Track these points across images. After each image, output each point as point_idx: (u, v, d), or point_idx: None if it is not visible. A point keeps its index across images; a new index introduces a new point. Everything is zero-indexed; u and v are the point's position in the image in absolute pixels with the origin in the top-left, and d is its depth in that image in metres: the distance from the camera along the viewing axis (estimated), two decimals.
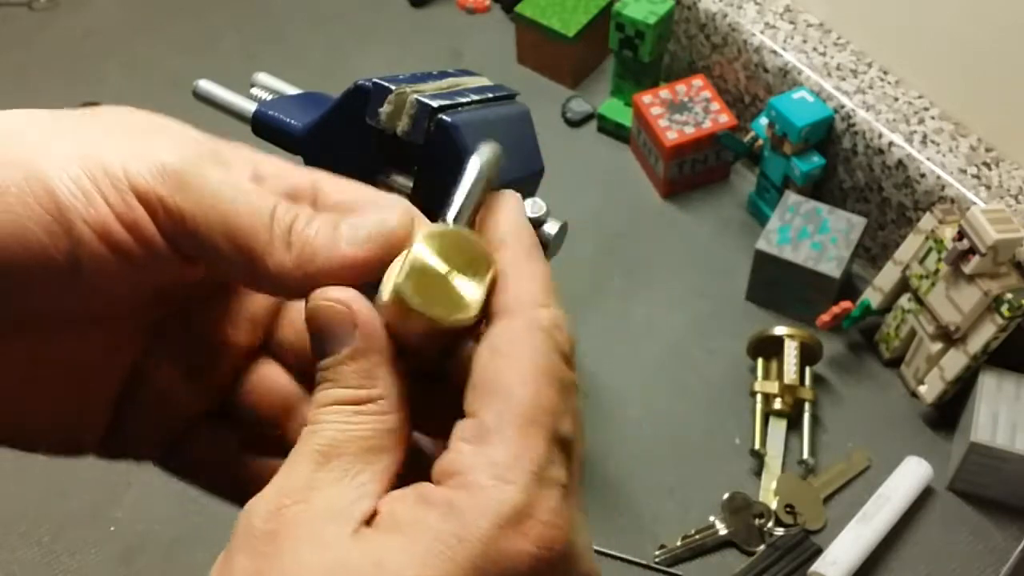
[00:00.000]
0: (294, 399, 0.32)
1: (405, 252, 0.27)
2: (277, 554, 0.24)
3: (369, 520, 0.24)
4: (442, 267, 0.27)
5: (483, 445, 0.24)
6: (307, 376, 0.30)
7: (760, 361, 0.77)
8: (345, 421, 0.26)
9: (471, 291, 0.27)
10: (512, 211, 0.29)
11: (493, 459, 0.24)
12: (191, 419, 0.32)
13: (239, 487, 0.32)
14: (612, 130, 0.94)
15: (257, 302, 0.32)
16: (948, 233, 0.70)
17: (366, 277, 0.27)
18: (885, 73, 0.81)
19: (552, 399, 0.25)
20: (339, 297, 0.26)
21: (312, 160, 0.57)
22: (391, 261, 0.28)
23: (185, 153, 0.27)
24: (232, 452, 0.33)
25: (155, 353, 0.31)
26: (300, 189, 0.29)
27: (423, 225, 0.29)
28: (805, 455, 0.72)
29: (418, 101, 0.51)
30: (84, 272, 0.26)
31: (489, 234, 0.28)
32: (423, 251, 0.27)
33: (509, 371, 0.25)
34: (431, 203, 0.34)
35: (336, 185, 0.30)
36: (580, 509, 0.26)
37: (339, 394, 0.26)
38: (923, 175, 0.74)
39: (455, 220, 0.29)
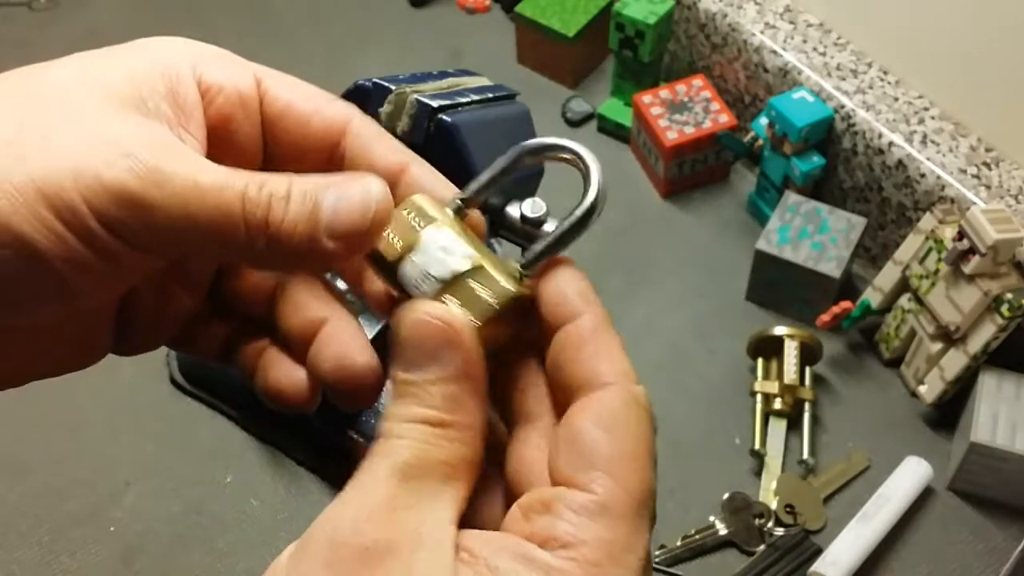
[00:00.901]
0: (274, 283, 0.32)
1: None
2: (370, 573, 0.23)
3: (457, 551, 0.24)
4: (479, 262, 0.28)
5: (597, 522, 0.24)
6: None
7: (760, 361, 0.77)
8: (427, 441, 0.26)
9: (506, 280, 0.28)
10: (579, 276, 0.30)
11: (609, 540, 0.24)
12: (185, 316, 0.33)
13: (241, 366, 0.33)
14: (612, 130, 0.94)
15: None
16: (948, 233, 0.70)
17: (346, 260, 0.28)
18: (885, 73, 0.81)
19: (654, 482, 0.27)
20: (443, 317, 0.26)
21: None
22: (369, 244, 0.28)
23: (139, 161, 0.25)
24: (225, 339, 0.33)
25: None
26: (245, 95, 0.29)
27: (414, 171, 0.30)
28: (805, 455, 0.72)
29: (418, 101, 0.51)
30: (59, 283, 0.25)
31: (558, 295, 0.29)
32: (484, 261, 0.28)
33: (621, 449, 0.26)
34: None
35: (280, 83, 0.30)
36: None
37: (424, 413, 0.26)
38: (923, 175, 0.74)
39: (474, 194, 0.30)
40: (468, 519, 0.27)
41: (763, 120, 0.83)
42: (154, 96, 0.27)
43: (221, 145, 0.29)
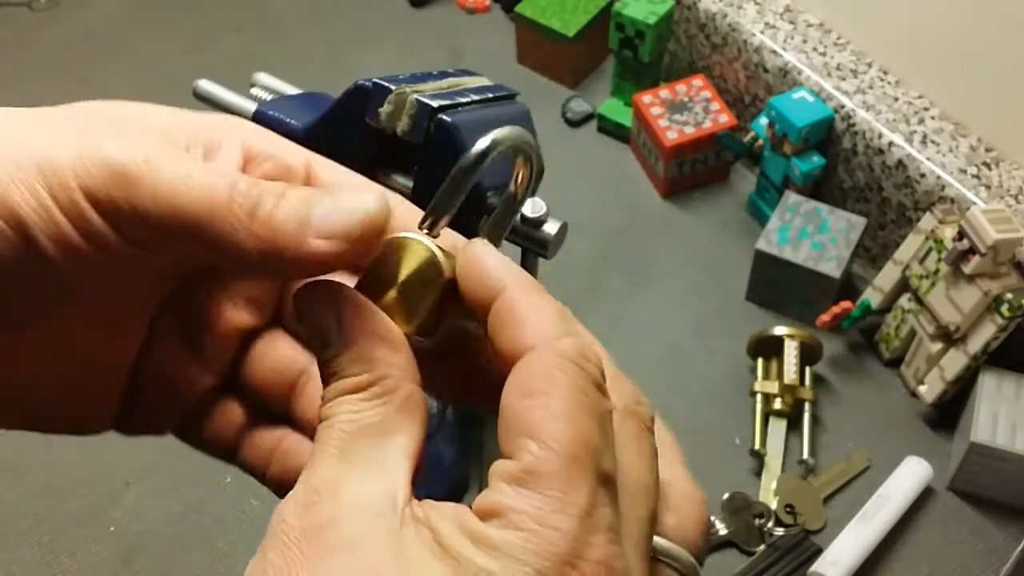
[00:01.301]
0: (300, 372, 0.32)
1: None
2: (311, 551, 0.23)
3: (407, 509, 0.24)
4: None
5: (525, 487, 0.24)
6: None
7: (760, 361, 0.77)
8: (353, 410, 0.25)
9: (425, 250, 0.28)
10: (494, 252, 0.29)
11: (537, 503, 0.23)
12: (200, 395, 0.32)
13: (253, 458, 0.32)
14: (612, 130, 0.94)
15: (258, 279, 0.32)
16: (948, 233, 0.70)
17: (340, 268, 0.27)
18: (885, 73, 0.81)
19: (592, 435, 0.24)
20: (318, 283, 0.27)
21: None
22: (366, 253, 0.27)
23: (136, 147, 0.25)
24: (242, 425, 0.32)
25: (159, 333, 0.31)
26: (293, 169, 0.29)
27: (400, 214, 0.29)
28: (805, 455, 0.72)
29: (418, 101, 0.51)
30: (56, 276, 0.26)
31: (480, 282, 0.28)
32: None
33: (543, 410, 0.24)
34: (429, 203, 0.34)
35: (328, 169, 0.30)
36: (639, 553, 0.25)
37: (342, 385, 0.26)
38: (923, 175, 0.74)
39: (429, 224, 0.30)
40: None
41: (763, 120, 0.83)
42: (191, 140, 0.28)
43: None
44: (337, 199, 0.27)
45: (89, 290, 0.27)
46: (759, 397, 0.74)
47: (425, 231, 0.29)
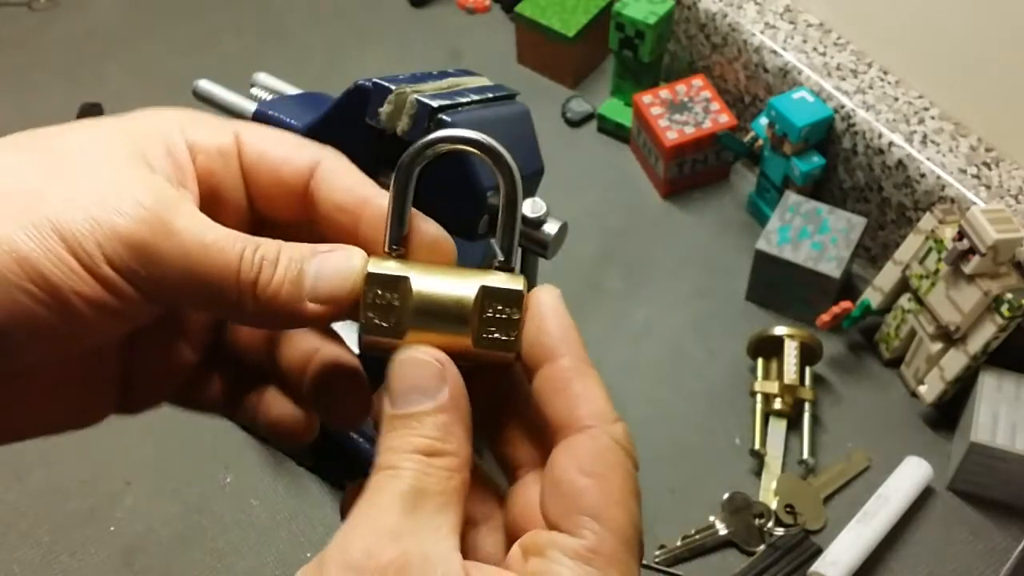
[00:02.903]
0: (274, 336, 0.35)
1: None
2: None
3: None
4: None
5: (590, 566, 0.26)
6: None
7: (760, 361, 0.77)
8: (425, 470, 0.27)
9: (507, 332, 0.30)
10: (560, 312, 0.31)
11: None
12: (188, 368, 0.35)
13: (241, 413, 0.36)
14: (612, 130, 0.94)
15: None
16: (948, 233, 0.70)
17: (328, 323, 0.31)
18: (885, 73, 0.81)
19: (639, 518, 0.27)
20: (434, 355, 0.28)
21: None
22: (349, 309, 0.30)
23: (150, 212, 0.27)
24: (227, 387, 0.36)
25: (143, 331, 0.32)
26: (224, 147, 0.31)
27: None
28: (805, 455, 0.72)
29: (418, 101, 0.51)
30: (76, 322, 0.27)
31: (539, 336, 0.30)
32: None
33: (604, 494, 0.27)
34: (430, 203, 0.34)
35: (255, 140, 0.32)
36: None
37: (419, 443, 0.27)
38: (923, 175, 0.74)
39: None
40: (470, 553, 0.28)
41: (763, 120, 0.83)
42: (156, 156, 0.30)
43: (210, 195, 0.32)
44: (324, 257, 0.30)
45: (98, 325, 0.28)
46: (759, 397, 0.74)
47: (394, 253, 0.31)
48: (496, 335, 0.29)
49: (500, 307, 0.30)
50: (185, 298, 0.29)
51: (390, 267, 0.30)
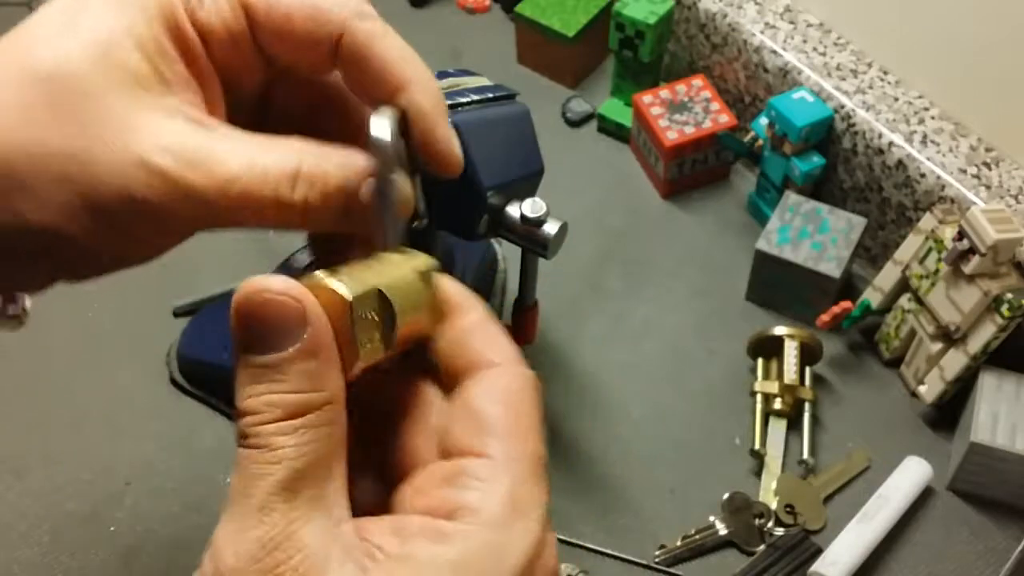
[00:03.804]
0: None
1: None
2: None
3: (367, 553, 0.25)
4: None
5: (501, 484, 0.25)
6: None
7: (760, 361, 0.77)
8: (301, 442, 0.25)
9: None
10: (453, 283, 0.31)
11: (515, 498, 0.25)
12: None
13: None
14: (612, 130, 0.94)
15: None
16: (948, 233, 0.70)
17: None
18: (885, 73, 0.81)
19: (545, 454, 0.27)
20: (288, 291, 0.25)
21: None
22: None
23: (164, 178, 0.28)
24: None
25: None
26: (234, 31, 0.31)
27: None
28: (805, 455, 0.72)
29: None
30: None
31: (443, 295, 0.30)
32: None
33: (518, 421, 0.27)
34: (430, 203, 0.34)
35: (268, 4, 0.31)
36: None
37: (289, 401, 0.25)
38: (923, 175, 0.74)
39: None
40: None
41: (763, 120, 0.83)
42: (168, 61, 0.29)
43: (225, 73, 0.31)
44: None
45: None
46: (759, 397, 0.74)
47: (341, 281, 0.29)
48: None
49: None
50: (220, 228, 0.29)
51: (354, 280, 0.27)
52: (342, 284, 0.26)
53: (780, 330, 0.76)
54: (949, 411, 0.74)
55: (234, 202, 0.28)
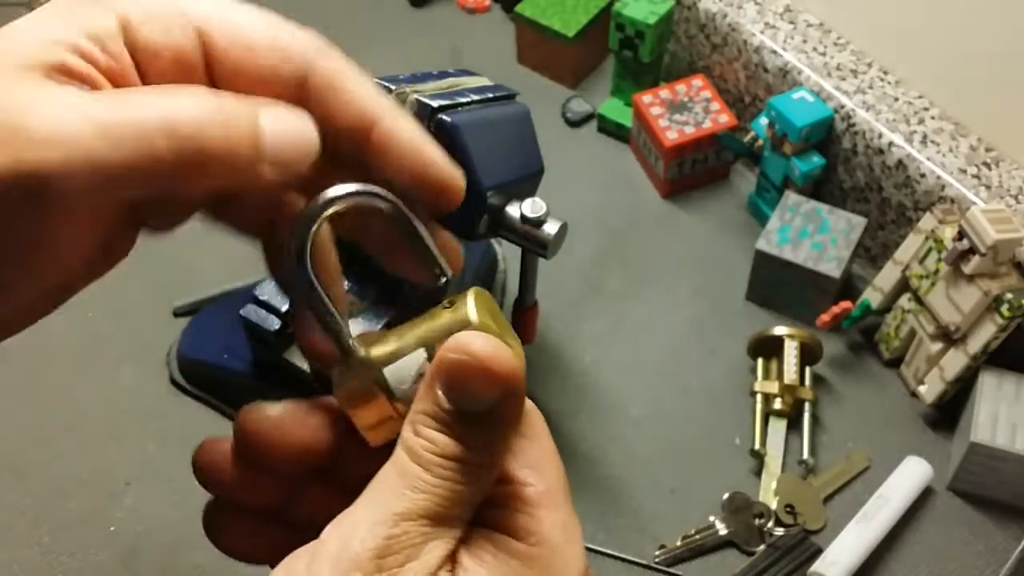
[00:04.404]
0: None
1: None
2: None
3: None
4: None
5: (547, 509, 0.28)
6: None
7: (760, 361, 0.77)
8: (458, 485, 0.27)
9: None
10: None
11: (561, 521, 0.28)
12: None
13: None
14: (612, 130, 0.94)
15: None
16: (948, 233, 0.70)
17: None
18: (885, 73, 0.81)
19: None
20: (515, 369, 0.28)
21: None
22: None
23: (34, 139, 0.23)
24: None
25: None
26: (185, 57, 0.27)
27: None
28: (805, 455, 0.72)
29: (418, 101, 0.51)
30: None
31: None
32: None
33: (539, 448, 0.30)
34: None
35: (229, 36, 0.28)
36: None
37: (461, 453, 0.27)
38: (923, 175, 0.74)
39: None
40: None
41: (763, 120, 0.83)
42: (80, 63, 0.25)
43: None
44: (277, 118, 0.27)
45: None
46: (759, 397, 0.74)
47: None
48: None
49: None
50: (122, 192, 0.25)
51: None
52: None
53: (780, 330, 0.76)
54: (949, 411, 0.74)
55: (108, 137, 0.23)
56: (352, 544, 0.26)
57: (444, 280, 0.31)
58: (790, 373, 0.74)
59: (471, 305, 0.29)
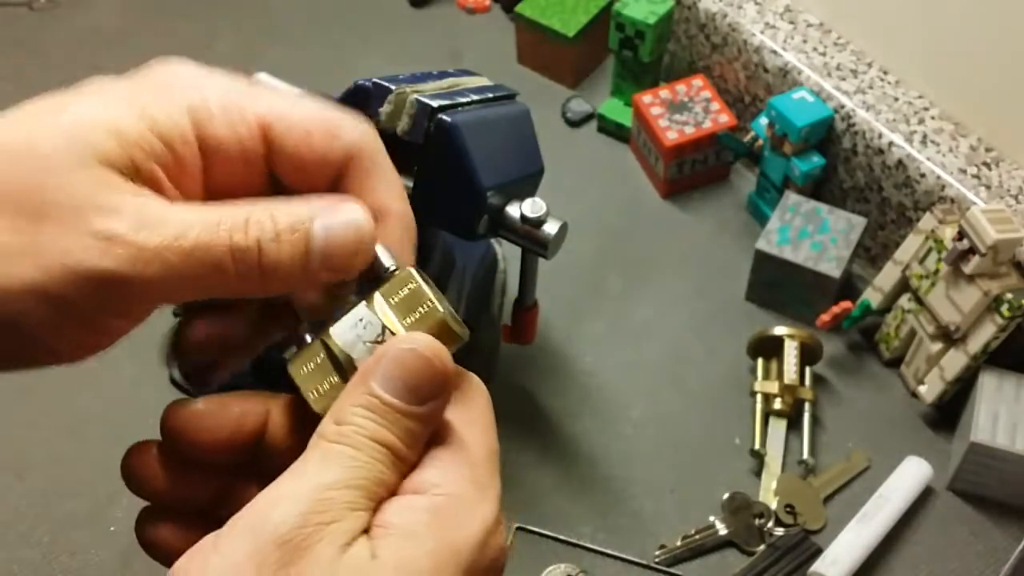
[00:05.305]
0: None
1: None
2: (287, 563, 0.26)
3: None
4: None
5: (457, 463, 0.29)
6: None
7: (760, 361, 0.77)
8: (384, 468, 0.28)
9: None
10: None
11: (473, 475, 0.29)
12: None
13: None
14: (612, 130, 0.94)
15: None
16: (948, 233, 0.70)
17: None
18: (885, 73, 0.81)
19: (497, 444, 0.31)
20: (448, 362, 0.29)
21: None
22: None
23: (123, 244, 0.27)
24: None
25: None
26: (248, 150, 0.30)
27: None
28: (805, 455, 0.72)
29: (418, 101, 0.51)
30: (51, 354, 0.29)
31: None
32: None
33: (472, 417, 0.30)
34: (430, 203, 0.34)
35: (285, 126, 0.30)
36: None
37: (391, 441, 0.28)
38: (923, 175, 0.74)
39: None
40: None
41: (763, 120, 0.83)
42: (146, 161, 0.28)
43: (221, 193, 0.30)
44: (329, 218, 0.29)
45: (68, 344, 0.29)
46: (759, 397, 0.74)
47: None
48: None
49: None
50: (179, 299, 0.29)
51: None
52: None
53: (780, 330, 0.76)
54: (949, 411, 0.74)
55: (189, 258, 0.27)
56: (272, 514, 0.26)
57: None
58: (790, 373, 0.74)
59: (423, 284, 0.30)
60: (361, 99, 0.52)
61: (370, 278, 0.31)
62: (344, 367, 0.30)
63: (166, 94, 0.29)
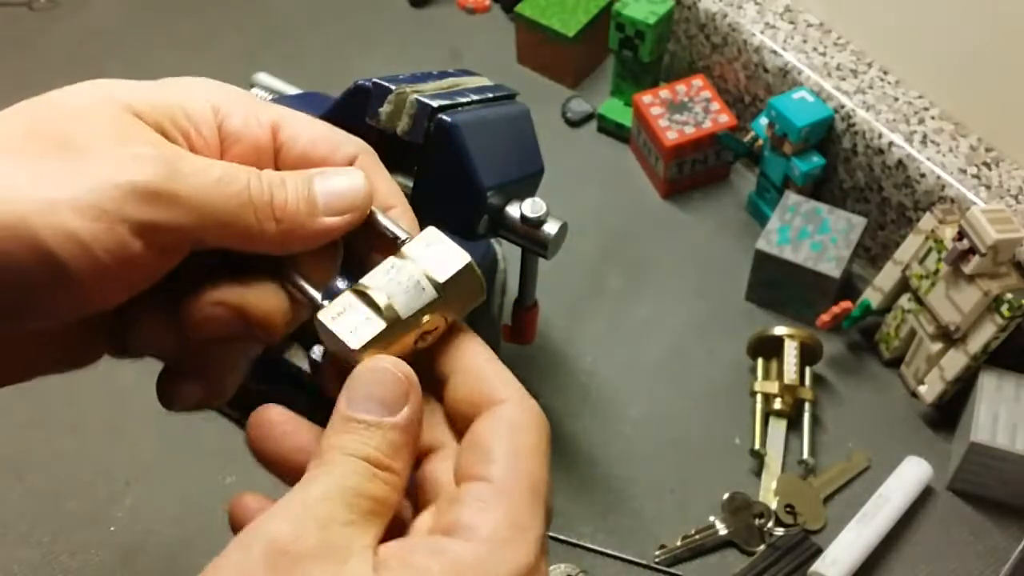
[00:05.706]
0: None
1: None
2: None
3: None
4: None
5: (496, 505, 0.28)
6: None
7: (760, 361, 0.77)
8: (369, 478, 0.28)
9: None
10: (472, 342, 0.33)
11: (508, 519, 0.27)
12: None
13: None
14: (612, 130, 0.94)
15: None
16: (948, 233, 0.70)
17: (339, 235, 0.32)
18: (885, 73, 0.81)
19: (549, 480, 0.30)
20: (404, 371, 0.29)
21: None
22: (360, 221, 0.32)
23: (157, 162, 0.28)
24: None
25: None
26: (261, 146, 0.33)
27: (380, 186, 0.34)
28: (805, 455, 0.72)
29: (418, 101, 0.51)
30: (80, 298, 0.28)
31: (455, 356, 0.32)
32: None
33: (516, 444, 0.29)
34: (430, 203, 0.34)
35: (295, 130, 0.33)
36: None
37: (370, 454, 0.28)
38: (923, 175, 0.74)
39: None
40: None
41: (763, 120, 0.83)
42: (173, 130, 0.31)
43: None
44: (330, 180, 0.32)
45: (95, 287, 0.28)
46: (759, 397, 0.74)
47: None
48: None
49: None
50: (207, 235, 0.30)
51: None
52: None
53: (780, 330, 0.76)
54: (949, 411, 0.74)
55: (217, 184, 0.29)
56: (260, 529, 0.27)
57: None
58: (790, 373, 0.74)
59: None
60: (361, 99, 0.52)
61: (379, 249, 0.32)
62: (379, 306, 0.31)
63: (191, 91, 0.33)
